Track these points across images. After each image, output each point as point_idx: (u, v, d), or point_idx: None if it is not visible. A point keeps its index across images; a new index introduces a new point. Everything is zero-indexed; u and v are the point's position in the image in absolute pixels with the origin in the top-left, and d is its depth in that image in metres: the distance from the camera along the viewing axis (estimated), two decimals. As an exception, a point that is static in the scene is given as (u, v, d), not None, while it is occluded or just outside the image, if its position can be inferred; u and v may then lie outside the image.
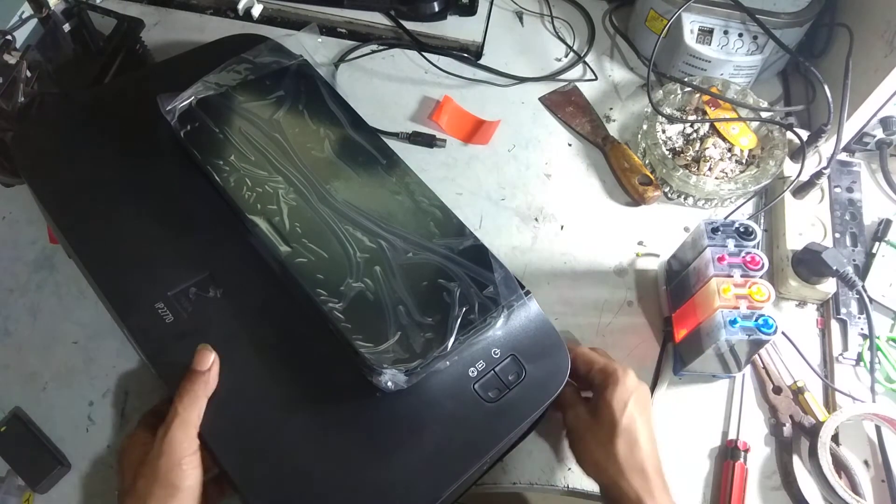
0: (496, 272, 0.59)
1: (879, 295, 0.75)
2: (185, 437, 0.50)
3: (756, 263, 0.64)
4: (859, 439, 0.68)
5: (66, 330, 0.70)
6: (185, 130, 0.64)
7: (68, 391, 0.67)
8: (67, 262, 0.73)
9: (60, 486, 0.63)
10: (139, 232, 0.61)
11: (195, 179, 0.64)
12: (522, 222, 0.81)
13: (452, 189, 0.82)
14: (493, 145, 0.86)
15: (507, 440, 0.56)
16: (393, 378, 0.52)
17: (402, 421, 0.54)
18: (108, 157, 0.65)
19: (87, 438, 0.65)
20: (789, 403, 0.69)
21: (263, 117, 0.67)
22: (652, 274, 0.77)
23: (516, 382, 0.57)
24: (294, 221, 0.60)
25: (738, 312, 0.61)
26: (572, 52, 0.96)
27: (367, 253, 0.59)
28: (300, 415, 0.54)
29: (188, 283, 0.58)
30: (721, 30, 0.86)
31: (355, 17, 0.97)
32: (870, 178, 0.85)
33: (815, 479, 0.65)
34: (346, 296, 0.56)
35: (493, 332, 0.57)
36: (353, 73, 0.92)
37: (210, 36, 0.87)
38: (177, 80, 0.67)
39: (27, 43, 0.80)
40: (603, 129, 0.88)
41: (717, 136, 0.83)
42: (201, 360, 0.53)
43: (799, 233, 0.77)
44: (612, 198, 0.83)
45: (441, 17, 0.97)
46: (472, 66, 0.94)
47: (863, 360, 0.71)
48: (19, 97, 0.72)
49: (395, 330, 0.55)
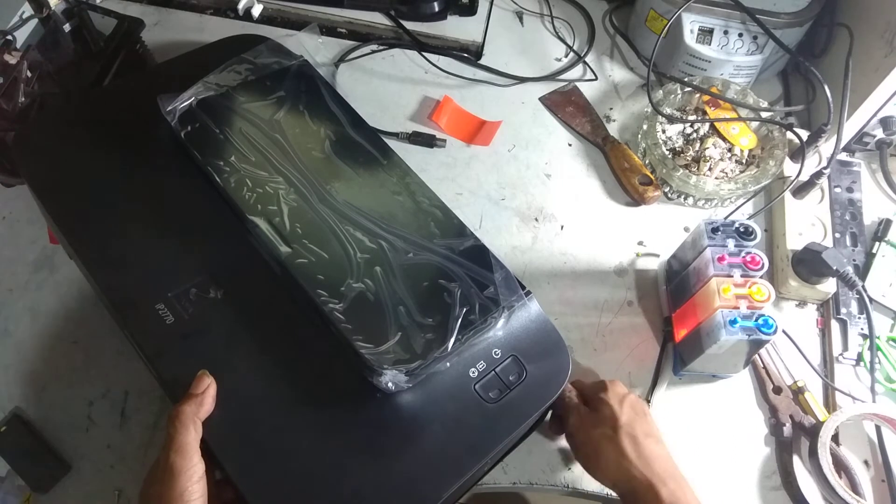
0: (497, 272, 0.59)
1: (879, 295, 0.75)
2: (186, 464, 0.48)
3: (756, 263, 0.64)
4: (859, 439, 0.68)
5: (66, 330, 0.70)
6: (185, 131, 0.64)
7: (68, 391, 0.67)
8: (67, 262, 0.73)
9: (60, 486, 0.63)
10: (139, 232, 0.61)
11: (195, 180, 0.64)
12: (522, 222, 0.81)
13: (452, 189, 0.82)
14: (493, 145, 0.86)
15: (508, 440, 0.56)
16: (393, 379, 0.52)
17: (403, 422, 0.54)
18: (109, 157, 0.65)
19: (87, 438, 0.65)
20: (789, 403, 0.69)
21: (264, 118, 0.67)
22: (652, 274, 0.78)
23: (517, 383, 0.57)
24: (294, 222, 0.60)
25: (738, 312, 0.61)
26: (572, 52, 0.96)
27: (368, 253, 0.59)
28: (301, 416, 0.54)
29: (189, 283, 0.58)
30: (721, 30, 0.86)
31: (355, 17, 0.97)
32: (870, 178, 0.85)
33: (815, 479, 0.65)
34: (346, 296, 0.56)
35: (493, 333, 0.57)
36: (354, 73, 0.92)
37: (210, 36, 0.87)
38: (177, 80, 0.67)
39: (28, 43, 0.80)
40: (603, 129, 0.88)
41: (717, 136, 0.83)
42: (198, 383, 0.52)
43: (799, 233, 0.77)
44: (612, 198, 0.83)
45: (441, 17, 0.97)
46: (472, 66, 0.94)
47: (863, 360, 0.72)
48: (20, 97, 0.73)
49: (396, 330, 0.55)
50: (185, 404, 0.50)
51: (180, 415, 0.50)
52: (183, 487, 0.47)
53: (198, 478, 0.48)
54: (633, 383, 0.71)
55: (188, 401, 0.51)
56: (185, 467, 0.48)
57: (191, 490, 0.47)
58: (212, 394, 0.52)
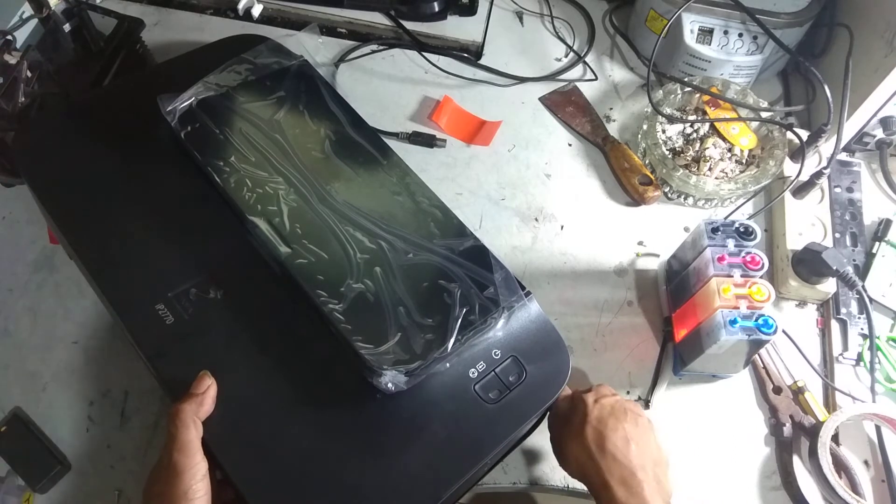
0: (497, 273, 0.59)
1: (879, 295, 0.75)
2: (189, 462, 0.48)
3: (756, 263, 0.64)
4: (859, 439, 0.68)
5: (66, 330, 0.70)
6: (185, 131, 0.64)
7: (68, 391, 0.67)
8: (67, 262, 0.73)
9: (60, 486, 0.63)
10: (139, 233, 0.61)
11: (195, 180, 0.64)
12: (522, 222, 0.81)
13: (452, 189, 0.82)
14: (493, 145, 0.86)
15: (507, 441, 0.56)
16: (393, 379, 0.52)
17: (403, 422, 0.54)
18: (109, 157, 0.65)
19: (87, 438, 0.65)
20: (789, 403, 0.69)
21: (264, 118, 0.67)
22: (652, 274, 0.78)
23: (517, 383, 0.57)
24: (294, 222, 0.60)
25: (738, 312, 0.61)
26: (572, 52, 0.96)
27: (368, 254, 0.59)
28: (300, 416, 0.54)
29: (189, 284, 0.58)
30: (721, 30, 0.86)
31: (355, 17, 0.97)
32: (870, 178, 0.85)
33: (815, 479, 0.65)
34: (346, 297, 0.56)
35: (493, 333, 0.57)
36: (354, 73, 0.92)
37: (210, 36, 0.87)
38: (177, 80, 0.67)
39: (28, 43, 0.80)
40: (603, 129, 0.88)
41: (717, 136, 0.83)
42: (198, 383, 0.52)
43: (799, 233, 0.77)
44: (612, 198, 0.83)
45: (441, 17, 0.97)
46: (472, 66, 0.94)
47: (863, 360, 0.72)
48: (20, 97, 0.72)
49: (396, 331, 0.55)
50: (185, 402, 0.50)
51: (181, 413, 0.49)
52: (187, 485, 0.47)
53: (201, 476, 0.48)
54: (633, 383, 0.71)
55: (188, 399, 0.51)
56: (188, 465, 0.48)
57: (195, 488, 0.47)
58: (212, 394, 0.52)
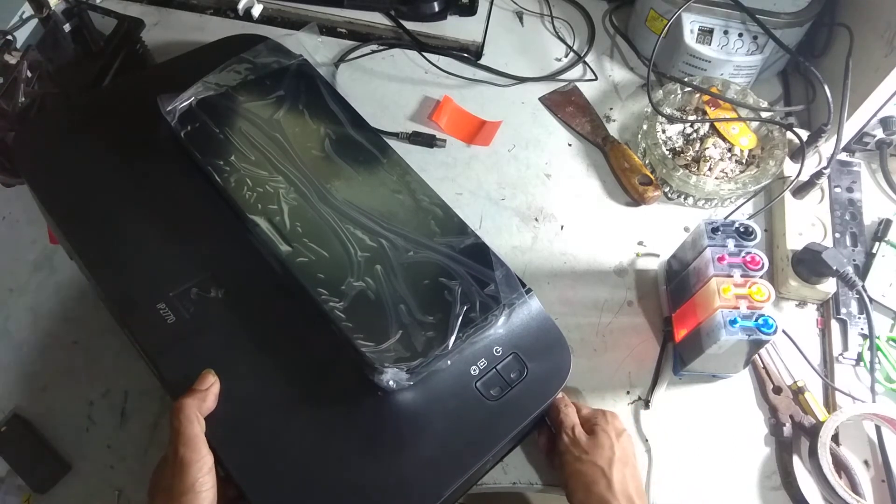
0: (497, 270, 0.59)
1: (879, 295, 0.75)
2: (196, 456, 0.48)
3: (756, 263, 0.64)
4: (859, 439, 0.68)
5: (66, 330, 0.70)
6: (185, 131, 0.64)
7: (68, 391, 0.67)
8: (67, 262, 0.73)
9: (60, 486, 0.63)
10: (140, 232, 0.61)
11: (196, 180, 0.64)
12: (522, 222, 0.81)
13: (452, 189, 0.82)
14: (493, 145, 0.86)
15: (509, 438, 0.56)
16: (394, 377, 0.52)
17: (404, 420, 0.54)
18: (109, 157, 0.65)
19: (87, 438, 0.65)
20: (789, 403, 0.69)
21: (264, 117, 0.68)
22: (652, 274, 0.78)
23: (518, 380, 0.57)
24: (295, 221, 0.60)
25: (738, 312, 0.61)
26: (572, 52, 0.97)
27: (368, 252, 0.59)
28: (302, 414, 0.54)
29: (190, 283, 0.58)
30: (721, 30, 0.86)
31: (355, 17, 0.97)
32: (870, 178, 0.85)
33: (815, 479, 0.65)
34: (347, 295, 0.56)
35: (494, 331, 0.57)
36: (353, 73, 0.92)
37: (210, 36, 0.87)
38: (177, 80, 0.67)
39: (28, 43, 0.79)
40: (603, 129, 0.88)
41: (717, 136, 0.83)
42: (202, 380, 0.52)
43: (799, 233, 0.77)
44: (612, 198, 0.84)
45: (441, 17, 0.97)
46: (472, 66, 0.94)
47: (863, 360, 0.72)
48: (20, 97, 0.72)
49: (397, 329, 0.55)
50: (188, 398, 0.50)
51: (185, 408, 0.50)
52: (194, 479, 0.47)
53: (208, 469, 0.48)
54: (632, 383, 0.71)
55: (192, 395, 0.51)
56: (194, 459, 0.48)
57: (202, 481, 0.48)
58: (215, 392, 0.52)
